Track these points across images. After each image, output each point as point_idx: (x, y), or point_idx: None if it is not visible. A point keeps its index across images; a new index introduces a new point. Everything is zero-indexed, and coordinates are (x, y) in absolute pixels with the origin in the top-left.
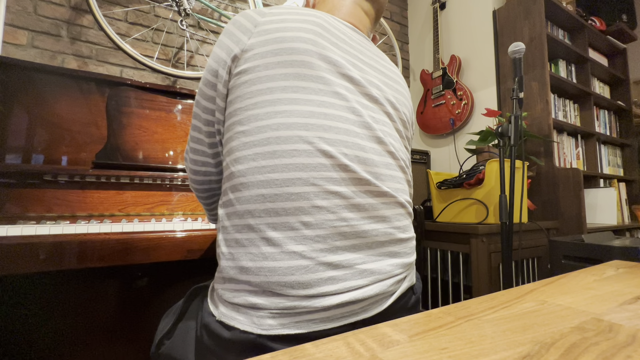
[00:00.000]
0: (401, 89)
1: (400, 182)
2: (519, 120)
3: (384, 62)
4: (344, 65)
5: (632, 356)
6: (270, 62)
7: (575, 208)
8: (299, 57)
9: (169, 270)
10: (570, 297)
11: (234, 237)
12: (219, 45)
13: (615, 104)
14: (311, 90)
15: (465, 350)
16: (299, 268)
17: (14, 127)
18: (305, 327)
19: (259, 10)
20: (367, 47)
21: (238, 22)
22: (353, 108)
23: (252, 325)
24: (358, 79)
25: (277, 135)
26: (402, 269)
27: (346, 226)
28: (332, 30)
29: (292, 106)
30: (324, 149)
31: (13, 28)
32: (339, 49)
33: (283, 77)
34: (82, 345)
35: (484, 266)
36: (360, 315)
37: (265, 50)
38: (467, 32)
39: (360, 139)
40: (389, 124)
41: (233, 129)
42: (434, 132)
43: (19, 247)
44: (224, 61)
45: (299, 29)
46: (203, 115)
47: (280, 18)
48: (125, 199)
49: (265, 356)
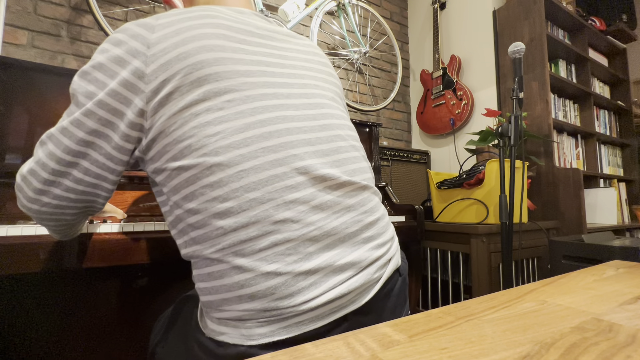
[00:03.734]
0: (322, 59)
1: (355, 161)
2: (519, 120)
3: (295, 39)
4: (264, 61)
5: (632, 356)
6: (183, 85)
7: (575, 208)
8: (211, 69)
9: (169, 270)
10: (570, 297)
11: (205, 271)
12: (108, 74)
13: (615, 104)
14: (238, 101)
15: (465, 350)
16: (277, 286)
17: (14, 127)
18: (295, 329)
19: (145, 24)
20: (274, 29)
21: (125, 45)
22: (291, 104)
23: (241, 337)
24: (287, 72)
25: (218, 161)
26: (381, 249)
27: (314, 229)
28: (235, 26)
29: (224, 125)
30: (271, 159)
31: (13, 28)
32: (251, 45)
33: (202, 96)
34: (82, 345)
35: (484, 266)
36: (349, 308)
37: (170, 74)
38: (467, 32)
39: (305, 133)
40: (327, 104)
41: (169, 166)
42: (434, 132)
43: (19, 247)
44: (128, 120)
45: (201, 36)
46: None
47: (174, 30)
48: (125, 199)
49: (266, 356)
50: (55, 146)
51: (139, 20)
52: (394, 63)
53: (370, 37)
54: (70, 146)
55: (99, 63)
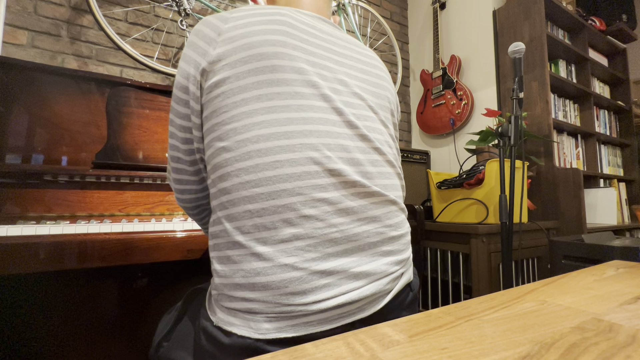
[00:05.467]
0: (381, 72)
1: (388, 177)
2: (519, 120)
3: (358, 48)
4: (319, 63)
5: (632, 356)
6: (241, 72)
7: (575, 208)
8: (270, 62)
9: (169, 270)
10: (570, 297)
11: (226, 254)
12: (184, 59)
13: (615, 104)
14: (287, 95)
15: (465, 350)
16: (292, 280)
17: (14, 127)
18: (303, 329)
19: (221, 16)
20: (338, 35)
21: (201, 32)
22: (335, 108)
23: (249, 329)
24: (340, 78)
25: (258, 148)
26: (397, 266)
27: (336, 232)
28: (299, 26)
29: (270, 115)
30: (307, 156)
31: (13, 28)
32: (311, 45)
33: (256, 85)
34: (82, 345)
35: (484, 266)
36: (357, 315)
37: (233, 59)
38: (467, 32)
39: (344, 139)
40: (372, 117)
41: (213, 145)
42: (434, 132)
43: (19, 247)
44: (192, 76)
45: (265, 31)
46: (180, 134)
47: (244, 22)
48: (125, 199)
49: (266, 356)
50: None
51: (217, 14)
52: (394, 63)
53: (370, 37)
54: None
55: (183, 53)
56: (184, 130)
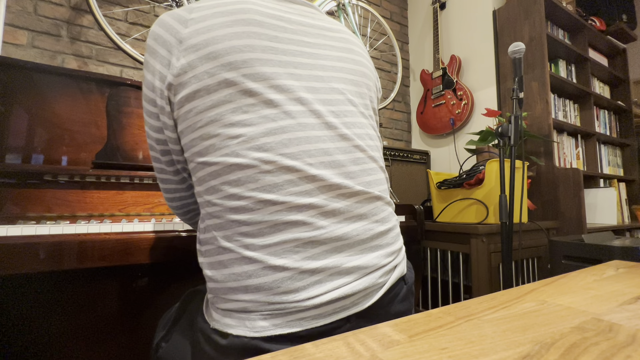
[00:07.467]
0: (357, 56)
1: (371, 173)
2: (519, 120)
3: (330, 32)
4: (292, 62)
5: (632, 356)
6: (211, 85)
7: (575, 208)
8: (239, 72)
9: (169, 270)
10: (570, 297)
11: (217, 259)
12: (147, 68)
13: (615, 104)
14: (262, 105)
15: (465, 350)
16: (283, 280)
17: (14, 127)
18: (297, 325)
19: (179, 16)
20: (308, 23)
21: (160, 37)
22: (312, 110)
23: (244, 329)
24: (315, 74)
25: (238, 162)
26: (388, 257)
27: (324, 233)
28: (266, 21)
29: (246, 129)
30: (287, 165)
31: (13, 28)
32: (281, 42)
33: (229, 97)
34: (82, 345)
35: (484, 266)
36: (352, 310)
37: (200, 71)
38: (467, 32)
39: (324, 142)
40: (352, 111)
41: (194, 160)
42: (434, 132)
43: (19, 247)
44: (159, 89)
45: (231, 36)
46: (158, 147)
47: (205, 26)
48: (125, 199)
49: (266, 356)
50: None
51: (174, 12)
52: (394, 63)
53: (370, 37)
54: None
55: (145, 60)
56: (161, 142)
